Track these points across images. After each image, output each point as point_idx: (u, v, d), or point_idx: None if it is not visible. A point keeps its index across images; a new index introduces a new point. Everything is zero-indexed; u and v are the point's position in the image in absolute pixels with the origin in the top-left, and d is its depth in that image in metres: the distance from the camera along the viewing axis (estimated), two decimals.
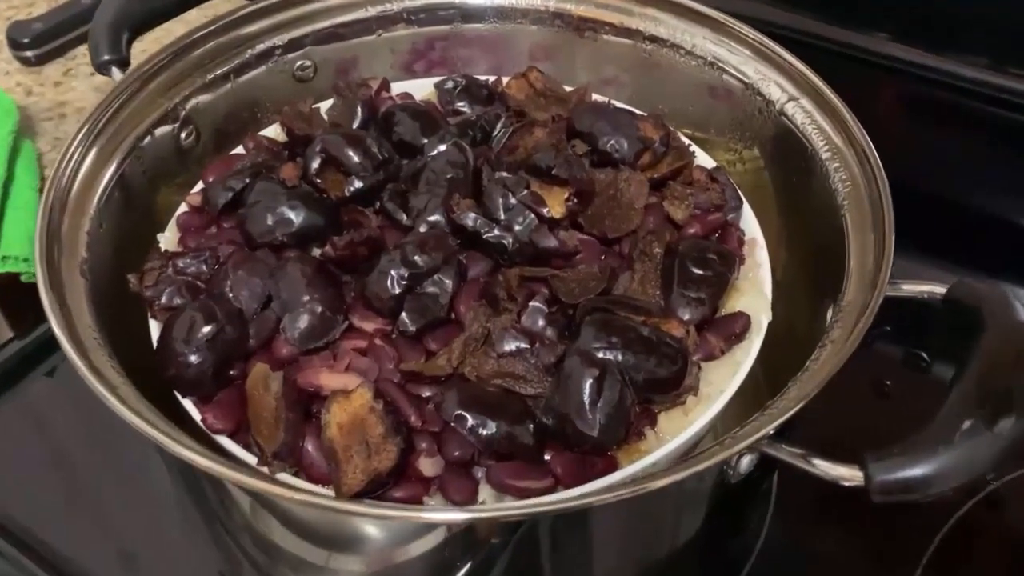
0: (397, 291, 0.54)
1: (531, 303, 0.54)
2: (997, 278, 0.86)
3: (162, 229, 0.63)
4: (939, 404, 0.46)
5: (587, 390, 0.49)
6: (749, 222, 0.64)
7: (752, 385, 0.56)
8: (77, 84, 1.00)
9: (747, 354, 0.55)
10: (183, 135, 0.69)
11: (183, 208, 0.63)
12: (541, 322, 0.54)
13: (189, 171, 0.68)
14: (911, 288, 0.52)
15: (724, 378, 0.54)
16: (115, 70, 0.67)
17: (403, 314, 0.54)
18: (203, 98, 0.70)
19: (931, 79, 0.94)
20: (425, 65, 0.83)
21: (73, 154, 0.58)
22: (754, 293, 0.58)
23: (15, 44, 1.02)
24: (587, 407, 0.49)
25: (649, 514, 0.54)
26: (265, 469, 0.49)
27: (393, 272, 0.54)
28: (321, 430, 0.49)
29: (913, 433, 0.44)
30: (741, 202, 0.64)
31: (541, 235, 0.58)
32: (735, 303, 0.58)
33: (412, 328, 0.54)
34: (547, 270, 0.57)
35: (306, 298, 0.53)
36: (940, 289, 0.52)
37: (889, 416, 0.72)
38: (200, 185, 0.65)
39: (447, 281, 0.55)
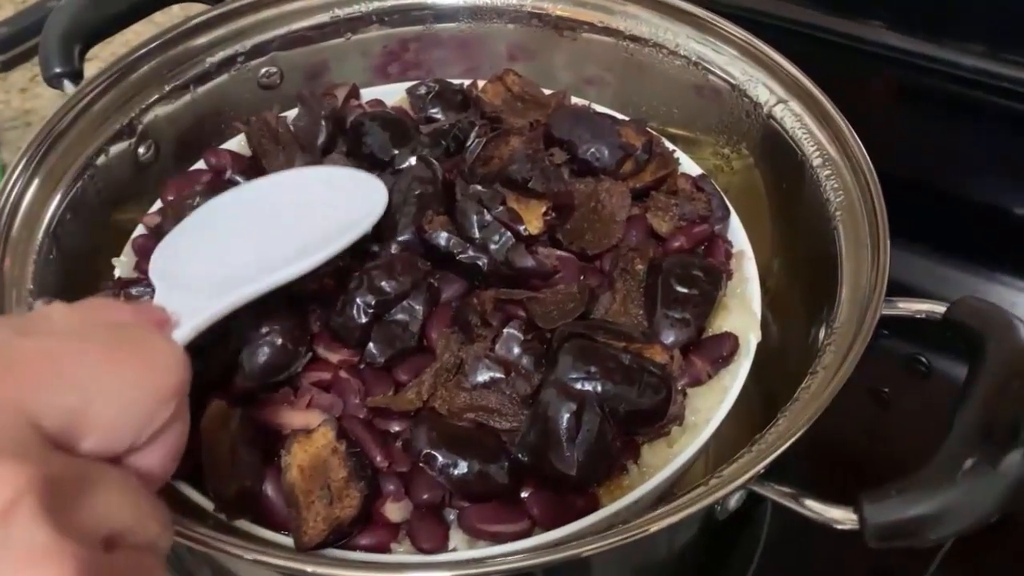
0: (364, 320, 0.51)
1: (505, 329, 0.50)
2: (995, 271, 0.84)
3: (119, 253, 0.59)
4: (941, 416, 0.44)
5: (564, 425, 0.46)
6: (737, 233, 0.61)
7: (745, 404, 0.53)
8: (44, 91, 0.96)
9: (735, 378, 0.52)
10: (141, 150, 0.65)
11: (140, 230, 0.60)
12: (516, 350, 0.50)
13: (149, 189, 0.65)
14: (908, 307, 0.49)
15: (711, 405, 0.51)
16: (67, 83, 0.64)
17: (370, 344, 0.51)
18: (162, 110, 0.66)
19: (925, 67, 0.91)
20: (399, 68, 0.80)
21: (16, 182, 0.55)
22: (742, 311, 0.55)
23: None
24: (564, 444, 0.46)
25: (634, 551, 0.51)
26: (222, 516, 0.46)
27: (359, 300, 0.51)
28: (281, 472, 0.46)
29: (913, 457, 0.42)
30: (728, 212, 0.61)
31: (518, 255, 0.55)
32: (722, 322, 0.55)
33: (380, 359, 0.51)
34: (524, 292, 0.53)
35: (265, 329, 0.50)
36: (939, 308, 0.48)
37: (888, 430, 0.69)
38: (159, 204, 0.62)
39: (417, 307, 0.52)
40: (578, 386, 0.48)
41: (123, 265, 0.58)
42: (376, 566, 0.44)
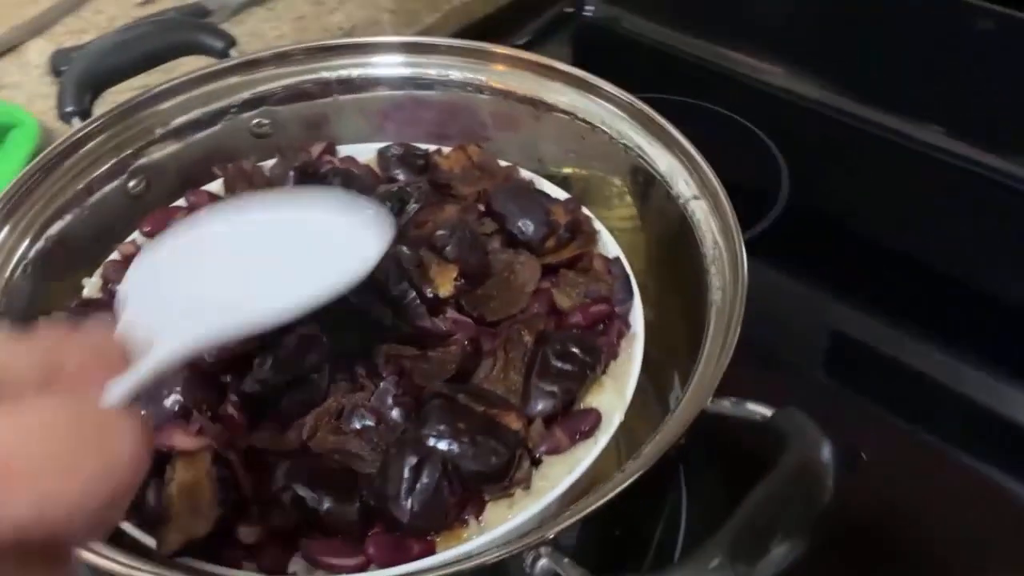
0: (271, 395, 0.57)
1: (382, 383, 0.56)
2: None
3: None
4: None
5: (405, 476, 0.52)
6: (636, 316, 0.65)
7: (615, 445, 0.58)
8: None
9: (588, 452, 0.56)
10: (131, 184, 0.74)
11: (114, 255, 0.68)
12: (388, 401, 0.56)
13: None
14: (732, 407, 0.52)
15: (561, 474, 0.55)
16: (76, 120, 0.73)
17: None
18: (155, 152, 0.75)
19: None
20: (395, 125, 0.87)
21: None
22: (615, 391, 0.59)
23: (56, 71, 1.11)
24: (402, 493, 0.52)
25: None
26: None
27: (268, 377, 0.57)
28: (164, 485, 0.53)
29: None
30: (631, 295, 0.65)
31: (417, 314, 0.61)
32: (593, 398, 0.59)
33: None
34: (411, 350, 0.59)
35: (177, 397, 0.56)
36: (766, 412, 0.52)
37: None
38: (136, 233, 0.70)
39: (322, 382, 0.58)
40: (429, 442, 0.53)
41: (91, 286, 0.67)
42: None
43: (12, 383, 0.33)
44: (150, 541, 0.52)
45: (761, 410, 0.52)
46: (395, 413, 0.56)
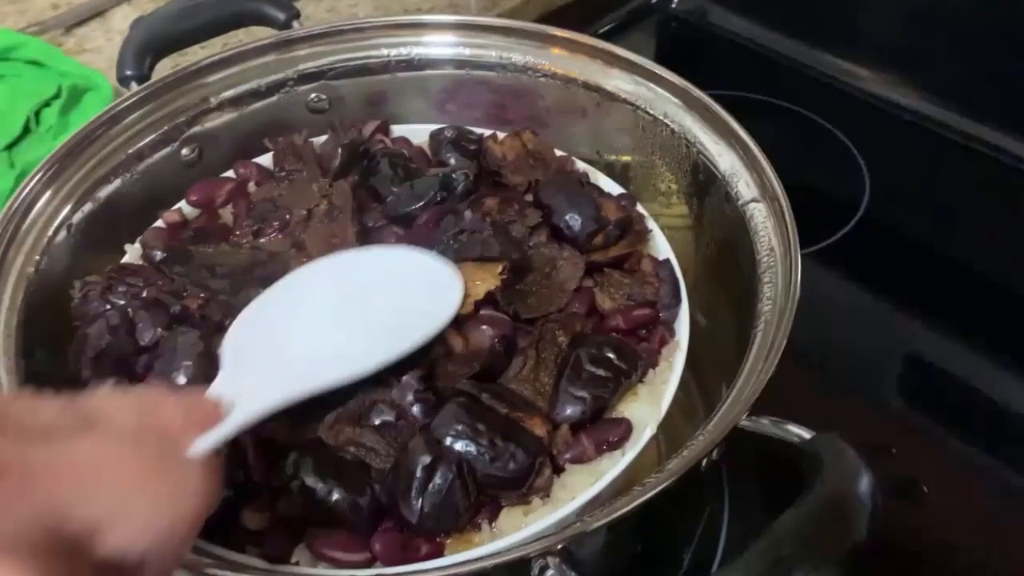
0: None
1: (404, 377, 0.54)
2: None
3: None
4: None
5: (417, 475, 0.50)
6: (682, 323, 0.61)
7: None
8: None
9: (614, 464, 0.53)
10: (184, 151, 0.73)
11: (158, 223, 0.68)
12: (410, 397, 0.54)
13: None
14: (772, 428, 0.49)
15: (583, 485, 0.53)
16: (133, 84, 0.73)
17: None
18: (210, 121, 0.74)
19: None
20: (455, 107, 0.84)
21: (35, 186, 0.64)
22: (649, 402, 0.56)
23: None
24: (413, 492, 0.50)
25: None
26: None
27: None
28: None
29: None
30: (679, 301, 0.62)
31: None
32: (626, 407, 0.56)
33: None
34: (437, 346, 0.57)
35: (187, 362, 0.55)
36: (804, 434, 0.48)
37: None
38: (182, 202, 0.70)
39: None
40: (446, 441, 0.51)
41: (132, 251, 0.66)
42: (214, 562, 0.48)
43: (108, 423, 0.37)
44: None
45: (800, 432, 0.48)
46: (416, 409, 0.54)
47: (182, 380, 0.54)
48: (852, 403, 0.77)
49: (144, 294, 0.61)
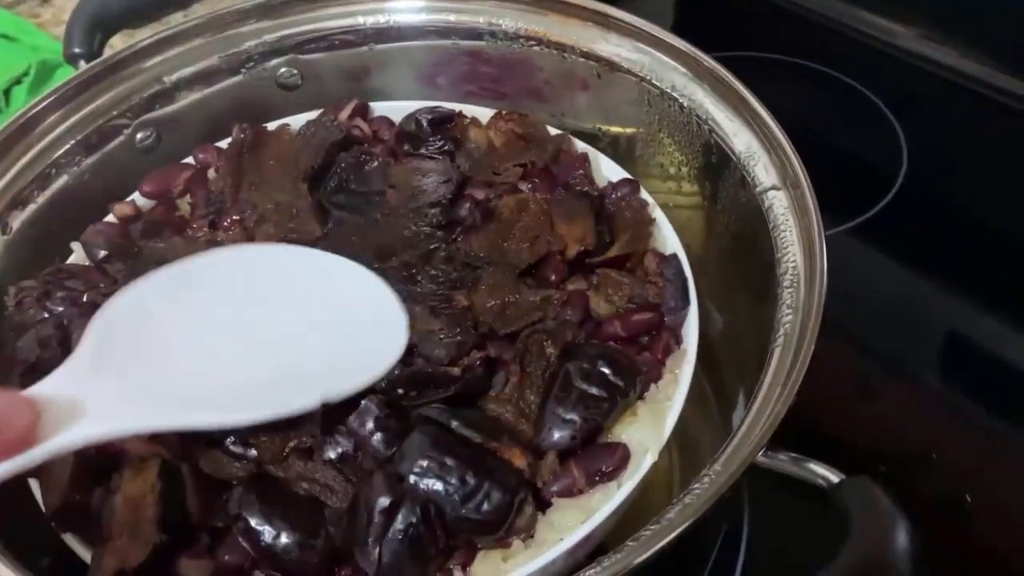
0: None
1: (363, 400, 0.47)
2: None
3: None
4: None
5: (375, 519, 0.43)
6: (690, 328, 0.53)
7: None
8: None
9: (608, 498, 0.46)
10: (140, 136, 0.66)
11: (108, 217, 0.61)
12: (370, 425, 0.47)
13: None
14: (791, 466, 0.41)
15: (571, 523, 0.46)
16: (83, 64, 0.66)
17: None
18: (167, 102, 0.67)
19: None
20: (447, 81, 0.76)
21: None
22: (651, 423, 0.49)
23: None
24: (371, 539, 0.43)
25: None
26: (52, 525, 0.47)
27: None
28: (109, 495, 0.46)
29: None
30: (687, 303, 0.54)
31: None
32: (623, 430, 0.49)
33: None
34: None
35: None
36: (833, 478, 0.40)
37: None
38: (136, 194, 0.63)
39: None
40: (410, 479, 0.44)
41: (78, 250, 0.60)
42: None
43: None
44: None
45: (825, 474, 0.41)
46: (376, 440, 0.46)
47: None
48: (895, 393, 0.69)
49: (84, 299, 0.54)
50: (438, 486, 0.44)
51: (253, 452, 0.46)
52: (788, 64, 1.00)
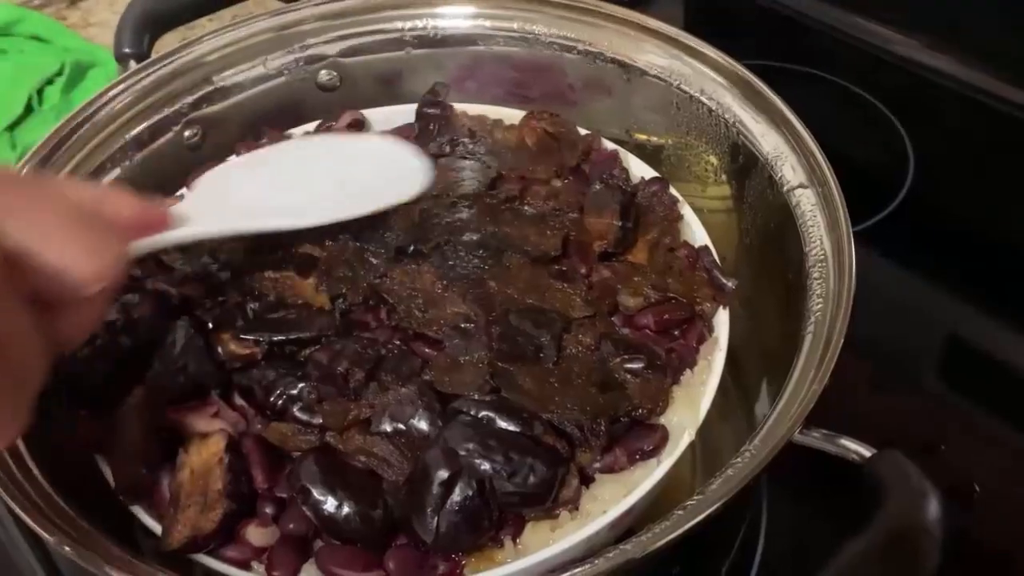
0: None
1: (403, 389, 0.50)
2: None
3: None
4: None
5: (434, 491, 0.46)
6: (721, 318, 0.56)
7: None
8: None
9: (649, 474, 0.49)
10: (187, 134, 0.69)
11: None
12: (409, 410, 0.50)
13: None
14: (826, 443, 0.44)
15: (615, 497, 0.48)
16: (133, 63, 0.68)
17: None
18: (214, 101, 0.70)
19: None
20: (476, 84, 0.79)
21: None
22: (686, 406, 0.51)
23: None
24: (429, 509, 0.45)
25: None
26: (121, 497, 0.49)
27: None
28: (176, 470, 0.49)
29: None
30: (724, 292, 0.57)
31: None
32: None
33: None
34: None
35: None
36: (864, 451, 0.43)
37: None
38: (184, 190, 0.66)
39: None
40: (463, 454, 0.47)
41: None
42: None
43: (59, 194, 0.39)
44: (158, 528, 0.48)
45: (858, 449, 0.44)
46: (421, 423, 0.49)
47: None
48: (901, 397, 0.72)
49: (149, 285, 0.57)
50: (485, 465, 0.46)
51: (318, 419, 0.49)
52: (796, 73, 1.03)
